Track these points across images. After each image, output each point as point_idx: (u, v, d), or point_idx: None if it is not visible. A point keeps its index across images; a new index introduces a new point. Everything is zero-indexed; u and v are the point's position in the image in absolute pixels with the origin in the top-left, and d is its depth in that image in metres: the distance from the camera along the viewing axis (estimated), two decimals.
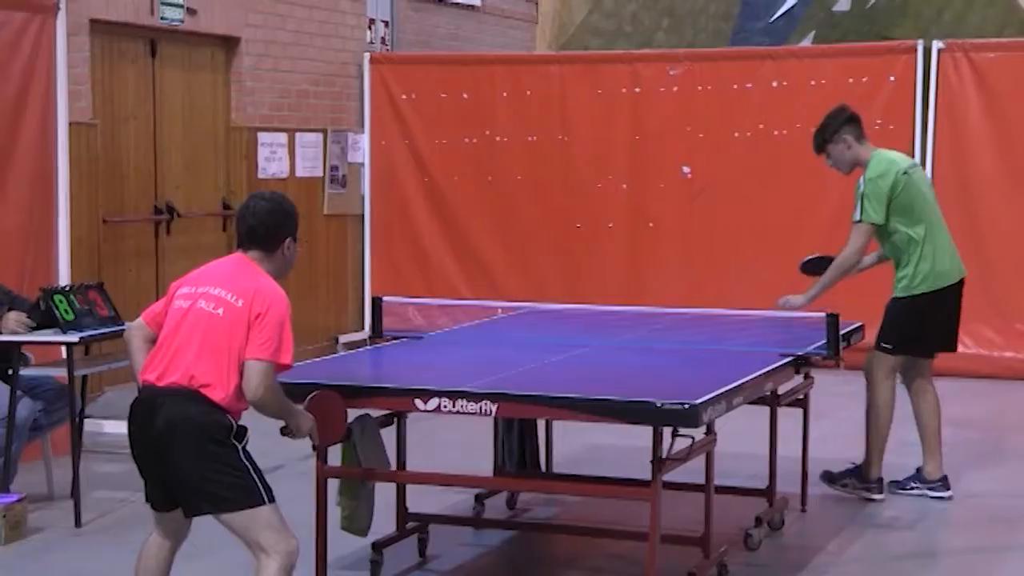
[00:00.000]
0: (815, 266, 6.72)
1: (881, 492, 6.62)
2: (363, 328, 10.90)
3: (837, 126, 6.57)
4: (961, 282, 6.62)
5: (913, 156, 10.20)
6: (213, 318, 4.13)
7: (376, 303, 6.17)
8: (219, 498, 4.09)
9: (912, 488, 6.70)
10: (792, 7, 15.89)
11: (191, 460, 4.08)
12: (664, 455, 4.73)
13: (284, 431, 4.48)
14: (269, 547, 4.10)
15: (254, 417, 4.35)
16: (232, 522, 4.13)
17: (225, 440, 4.12)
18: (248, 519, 4.11)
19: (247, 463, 4.16)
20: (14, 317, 6.24)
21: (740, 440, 6.65)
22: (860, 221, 6.47)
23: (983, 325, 10.09)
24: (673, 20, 15.48)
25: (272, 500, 4.17)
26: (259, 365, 4.12)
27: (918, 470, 6.76)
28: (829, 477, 6.74)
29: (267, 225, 4.31)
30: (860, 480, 6.67)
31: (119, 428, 7.61)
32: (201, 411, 4.09)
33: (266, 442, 7.75)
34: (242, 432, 4.19)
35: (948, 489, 6.63)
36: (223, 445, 4.11)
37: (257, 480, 4.16)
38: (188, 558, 5.74)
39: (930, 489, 6.64)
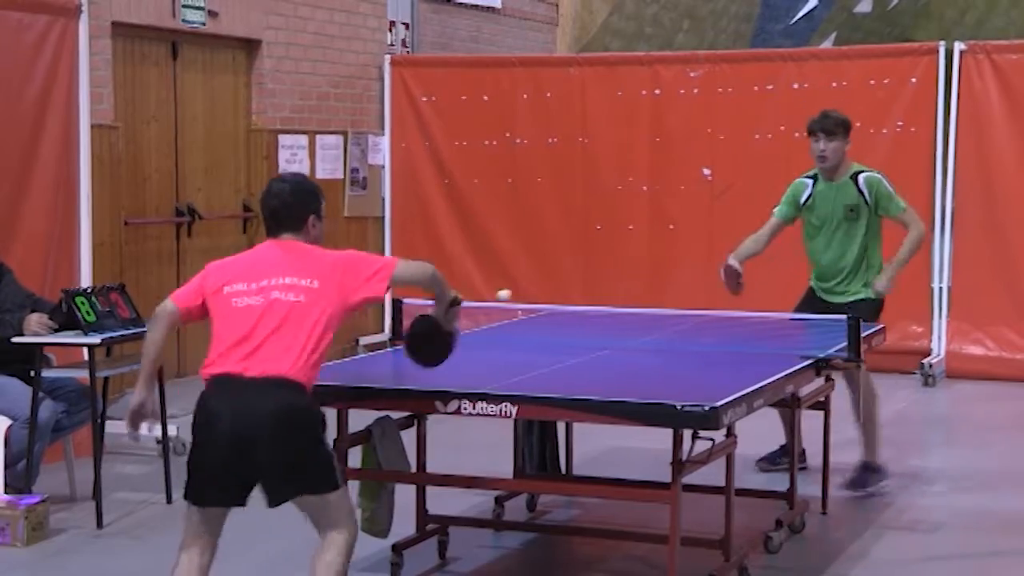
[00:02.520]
0: (734, 281, 6.85)
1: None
2: (383, 330, 10.92)
3: (850, 127, 6.92)
4: None
5: (935, 159, 10.19)
6: (296, 306, 4.21)
7: (396, 305, 6.17)
8: (313, 482, 4.19)
9: (781, 464, 6.79)
10: (813, 9, 15.86)
11: (293, 447, 4.14)
12: (684, 457, 4.72)
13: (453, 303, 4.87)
14: (342, 525, 4.23)
15: None
16: (314, 504, 4.22)
17: (319, 427, 4.22)
18: (329, 502, 4.22)
19: (329, 449, 4.28)
20: (36, 319, 6.27)
21: (761, 443, 6.65)
22: (907, 208, 6.85)
23: (1005, 328, 10.04)
24: (693, 22, 15.47)
25: (344, 482, 4.31)
26: (402, 266, 4.50)
27: (782, 447, 6.82)
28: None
29: (289, 205, 4.40)
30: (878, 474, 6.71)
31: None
32: (300, 400, 4.17)
33: None
34: (324, 419, 4.29)
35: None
36: (318, 432, 4.21)
37: (335, 465, 4.27)
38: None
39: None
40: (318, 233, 4.47)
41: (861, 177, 6.83)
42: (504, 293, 6.56)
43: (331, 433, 4.38)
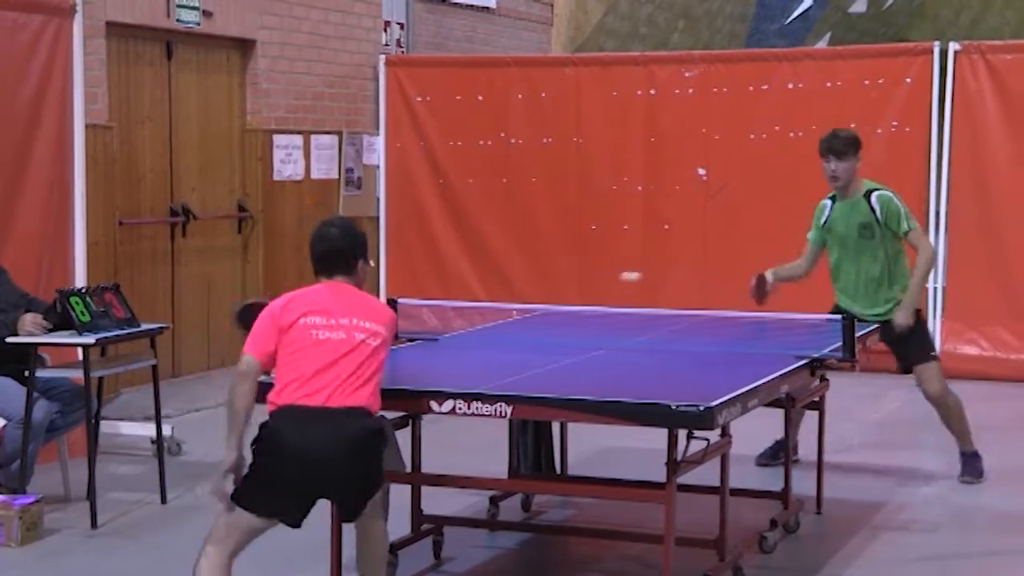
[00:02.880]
0: (761, 290, 6.91)
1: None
2: None
3: (860, 145, 6.98)
4: None
5: (929, 159, 10.21)
6: (372, 349, 4.50)
7: (391, 305, 6.16)
8: (373, 492, 4.55)
9: (781, 459, 6.68)
10: (808, 9, 15.87)
11: (367, 468, 4.47)
12: (679, 457, 4.72)
13: None
14: (383, 513, 4.69)
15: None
16: (374, 501, 4.60)
17: (382, 447, 4.54)
18: (379, 497, 4.63)
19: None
20: (30, 319, 6.26)
21: (755, 442, 6.66)
22: (914, 228, 6.86)
23: (1000, 328, 10.06)
24: (688, 22, 15.47)
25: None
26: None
27: (778, 441, 6.87)
28: None
29: (340, 251, 4.68)
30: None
31: (135, 430, 7.67)
32: (374, 428, 4.47)
33: None
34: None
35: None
36: (381, 451, 4.54)
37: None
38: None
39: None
40: (364, 275, 4.74)
41: (874, 195, 6.85)
42: (632, 275, 6.51)
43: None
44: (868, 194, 6.87)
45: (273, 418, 4.42)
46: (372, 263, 4.83)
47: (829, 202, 7.02)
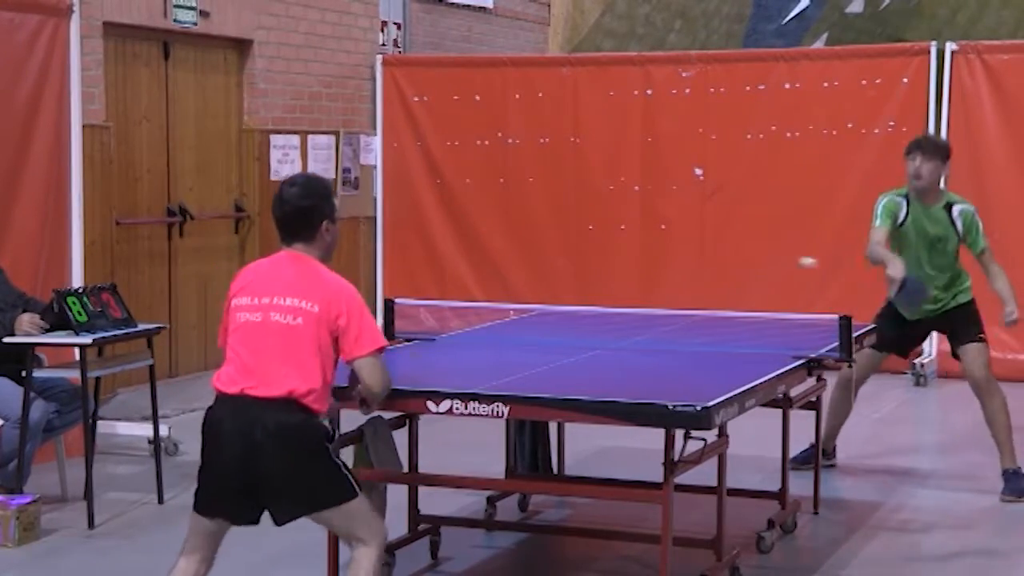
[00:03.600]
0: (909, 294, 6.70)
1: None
2: None
3: (949, 154, 6.98)
4: None
5: None
6: (294, 329, 4.15)
7: (388, 305, 6.17)
8: (319, 499, 4.18)
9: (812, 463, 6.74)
10: (805, 9, 15.88)
11: (293, 467, 4.13)
12: (676, 457, 4.72)
13: (363, 405, 4.57)
14: (366, 536, 4.21)
15: None
16: (330, 519, 4.25)
17: (322, 444, 4.19)
18: (345, 513, 4.20)
19: (337, 460, 4.24)
20: (27, 319, 6.26)
21: (752, 442, 6.65)
22: (989, 250, 6.96)
23: (997, 328, 10.01)
24: (685, 22, 15.48)
25: (360, 491, 4.27)
26: (372, 360, 4.23)
27: (812, 445, 6.81)
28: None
29: (299, 211, 4.28)
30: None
31: (132, 430, 7.67)
32: (300, 420, 4.14)
33: None
34: (332, 434, 4.30)
35: None
36: (320, 449, 4.18)
37: (348, 474, 4.24)
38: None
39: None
40: (332, 238, 4.35)
41: (956, 208, 6.82)
42: (809, 261, 6.40)
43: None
44: (949, 206, 6.82)
45: (208, 409, 4.26)
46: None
47: (903, 201, 6.85)
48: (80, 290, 6.41)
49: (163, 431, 7.10)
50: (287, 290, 4.20)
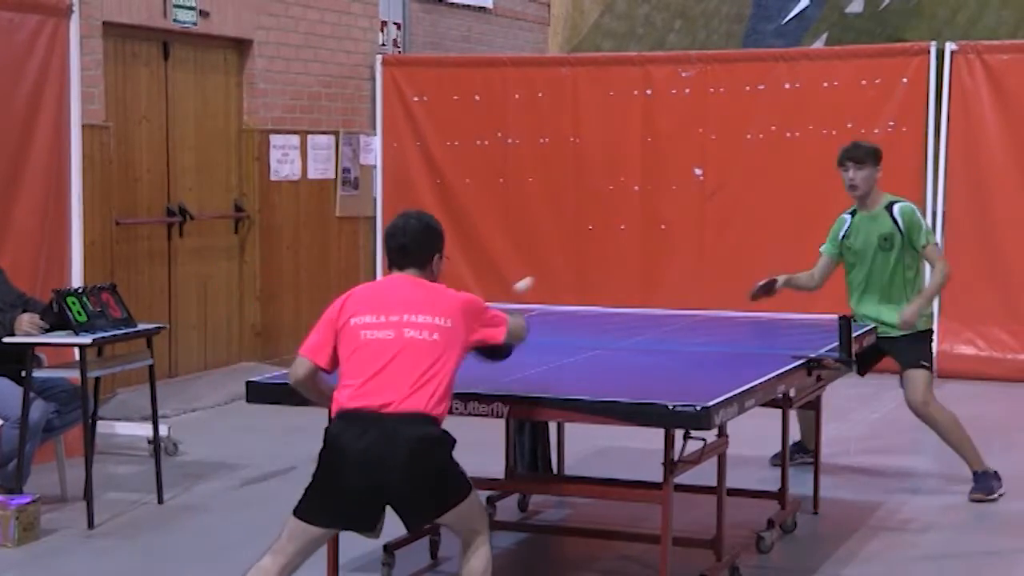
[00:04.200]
0: (765, 291, 6.84)
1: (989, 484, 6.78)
2: None
3: (880, 156, 6.91)
4: None
5: (926, 159, 10.21)
6: (432, 345, 4.33)
7: None
8: (448, 502, 4.35)
9: (796, 460, 6.94)
10: (805, 9, 15.89)
11: (430, 478, 4.28)
12: (676, 457, 4.72)
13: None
14: (481, 527, 4.42)
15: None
16: (454, 517, 4.39)
17: (451, 450, 4.35)
18: (466, 509, 4.39)
19: (457, 463, 4.40)
20: (27, 319, 6.26)
21: (752, 442, 6.65)
22: (933, 243, 6.85)
23: (996, 327, 10.07)
24: (685, 22, 15.49)
25: (472, 486, 4.44)
26: (512, 326, 4.61)
27: (797, 443, 7.00)
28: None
29: (419, 243, 4.54)
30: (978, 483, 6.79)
31: (132, 430, 7.67)
32: (438, 434, 4.31)
33: (276, 443, 7.80)
34: (455, 443, 4.42)
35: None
36: (450, 460, 4.35)
37: (463, 472, 4.41)
38: (203, 561, 5.76)
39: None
40: (439, 270, 4.62)
41: (896, 207, 6.82)
42: (524, 284, 6.37)
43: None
44: (890, 206, 6.83)
45: (332, 423, 4.33)
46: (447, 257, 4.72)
47: (848, 216, 6.95)
48: (80, 290, 6.41)
49: (163, 431, 7.10)
50: (419, 308, 4.38)
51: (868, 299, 6.85)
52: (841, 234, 6.94)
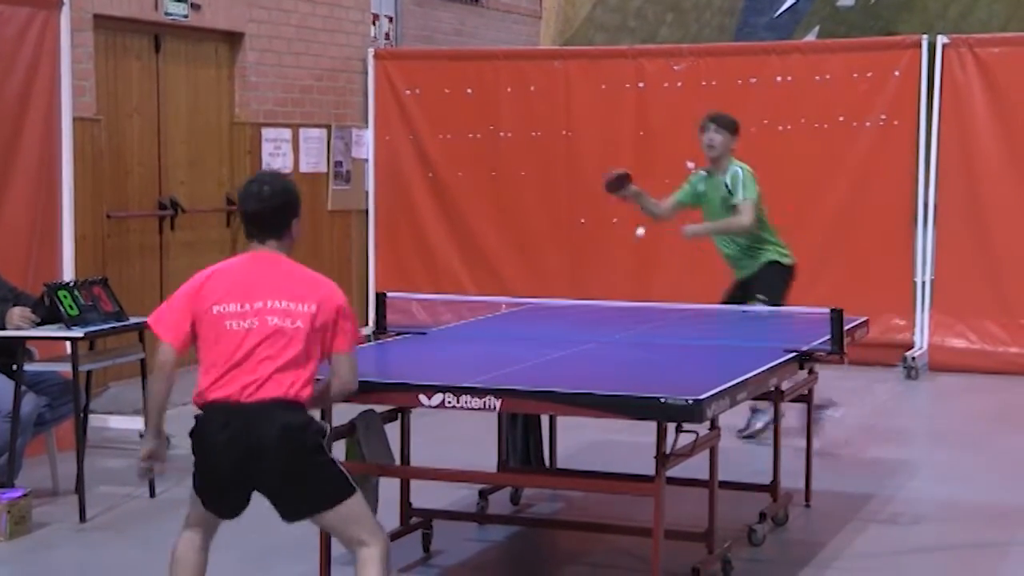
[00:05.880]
0: (617, 184, 7.75)
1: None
2: (367, 323, 10.90)
3: (738, 132, 7.87)
4: None
5: (918, 152, 10.22)
6: (294, 332, 4.17)
7: (380, 299, 6.17)
8: (320, 498, 4.18)
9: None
10: (796, 2, 15.88)
11: (296, 467, 4.13)
12: (668, 451, 4.73)
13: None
14: (370, 537, 4.18)
15: None
16: (335, 517, 4.20)
17: (321, 443, 4.19)
18: (344, 514, 4.18)
19: (333, 458, 4.23)
20: (18, 312, 6.25)
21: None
22: (748, 200, 7.55)
23: (988, 321, 10.08)
24: (677, 15, 15.48)
25: (358, 490, 4.24)
26: (349, 357, 4.29)
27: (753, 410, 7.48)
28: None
29: (274, 210, 4.30)
30: None
31: (123, 423, 7.66)
32: (303, 420, 4.16)
33: None
34: (327, 430, 4.30)
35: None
36: (319, 448, 4.18)
37: (344, 472, 4.23)
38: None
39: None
40: (297, 233, 4.40)
41: (729, 170, 7.66)
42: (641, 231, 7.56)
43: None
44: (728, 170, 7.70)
45: (200, 415, 4.23)
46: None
47: (704, 174, 7.84)
48: (71, 284, 6.40)
49: None
50: (279, 293, 4.21)
51: (731, 254, 7.73)
52: (697, 190, 7.80)
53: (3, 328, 6.22)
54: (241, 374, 4.15)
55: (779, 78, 10.48)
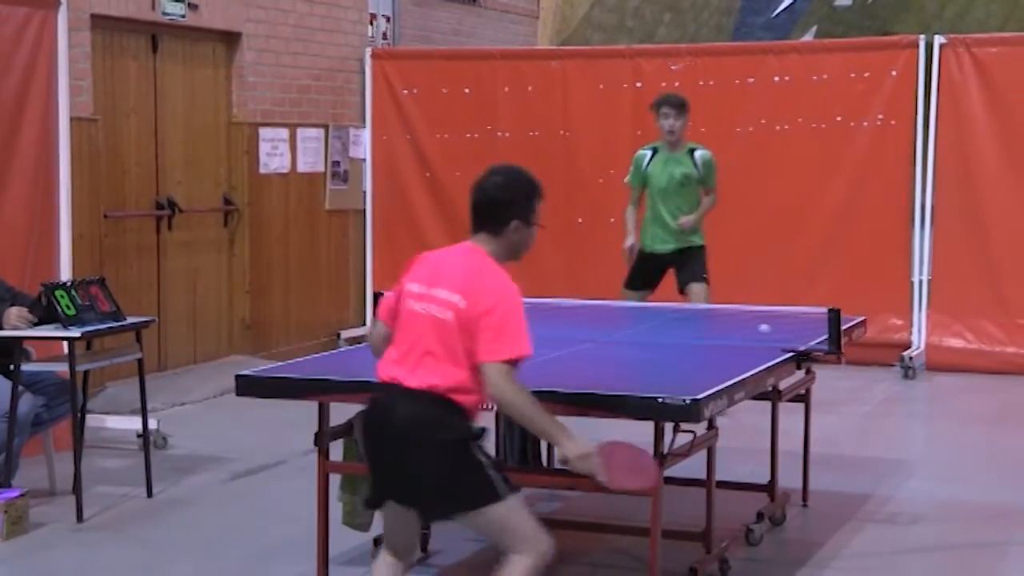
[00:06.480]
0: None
1: None
2: (365, 323, 10.91)
3: (688, 107, 8.64)
4: None
5: (915, 152, 10.22)
6: (445, 324, 3.99)
7: (378, 298, 6.14)
8: (458, 500, 4.01)
9: None
10: (794, 2, 15.90)
11: (427, 462, 3.99)
12: (666, 450, 4.73)
13: (562, 460, 4.16)
14: (518, 546, 4.00)
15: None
16: (477, 523, 4.06)
17: (460, 442, 4.00)
18: (490, 519, 4.01)
19: (485, 459, 4.03)
20: (16, 312, 6.24)
21: (742, 435, 6.66)
22: (714, 186, 8.61)
23: (985, 320, 10.08)
24: (675, 15, 15.49)
25: (512, 493, 4.03)
26: (492, 368, 3.95)
27: None
28: None
29: (492, 203, 4.12)
30: None
31: (121, 423, 7.66)
32: (436, 414, 3.98)
33: (265, 436, 7.79)
34: (480, 432, 4.07)
35: None
36: (458, 447, 3.99)
37: (494, 477, 4.02)
38: (192, 555, 5.75)
39: None
40: (519, 239, 4.17)
41: (697, 153, 8.51)
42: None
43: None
44: (692, 151, 8.51)
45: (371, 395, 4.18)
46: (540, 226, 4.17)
47: (648, 153, 8.60)
48: (68, 284, 6.40)
49: (152, 425, 7.09)
50: (449, 283, 4.03)
51: (657, 227, 8.52)
52: (643, 167, 8.56)
53: (0, 328, 6.22)
54: (400, 357, 4.06)
55: (776, 78, 10.48)
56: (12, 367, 6.13)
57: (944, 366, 9.98)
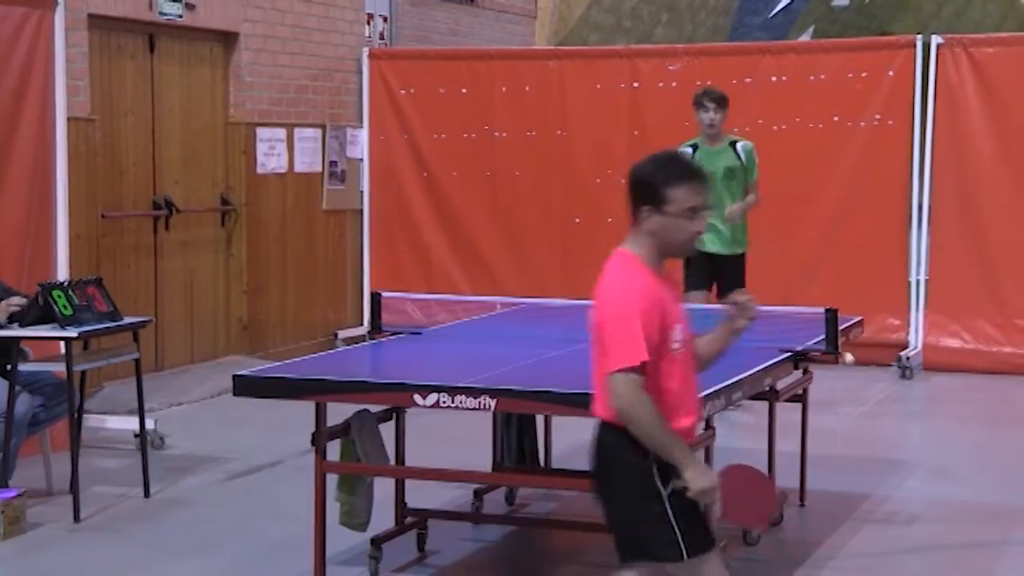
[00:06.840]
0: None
1: None
2: (362, 323, 10.90)
3: (729, 102, 8.53)
4: None
5: (912, 152, 10.23)
6: (593, 345, 3.73)
7: (375, 298, 6.16)
8: (627, 542, 3.66)
9: None
10: (791, 2, 15.91)
11: (600, 487, 3.77)
12: None
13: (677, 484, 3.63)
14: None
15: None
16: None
17: (624, 476, 3.68)
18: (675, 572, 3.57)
19: (667, 511, 3.57)
20: (2, 305, 6.23)
21: (740, 435, 6.66)
22: (757, 178, 8.52)
23: (983, 321, 10.09)
24: (672, 15, 15.50)
25: (700, 553, 3.57)
26: (608, 380, 3.61)
27: None
28: None
29: (629, 188, 3.60)
30: None
31: (118, 423, 7.66)
32: (608, 442, 3.71)
33: (262, 436, 7.79)
34: (665, 472, 3.58)
35: None
36: (642, 487, 3.61)
37: (677, 529, 3.56)
38: (189, 554, 5.76)
39: None
40: (657, 230, 3.58)
41: (739, 144, 8.44)
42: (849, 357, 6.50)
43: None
44: (733, 143, 8.45)
45: None
46: (709, 219, 3.65)
47: (690, 149, 8.38)
48: (65, 284, 6.39)
49: (149, 425, 7.09)
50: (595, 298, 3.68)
51: (714, 227, 8.23)
52: None
53: None
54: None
55: (774, 78, 10.48)
56: (9, 367, 6.13)
57: (941, 366, 9.99)
